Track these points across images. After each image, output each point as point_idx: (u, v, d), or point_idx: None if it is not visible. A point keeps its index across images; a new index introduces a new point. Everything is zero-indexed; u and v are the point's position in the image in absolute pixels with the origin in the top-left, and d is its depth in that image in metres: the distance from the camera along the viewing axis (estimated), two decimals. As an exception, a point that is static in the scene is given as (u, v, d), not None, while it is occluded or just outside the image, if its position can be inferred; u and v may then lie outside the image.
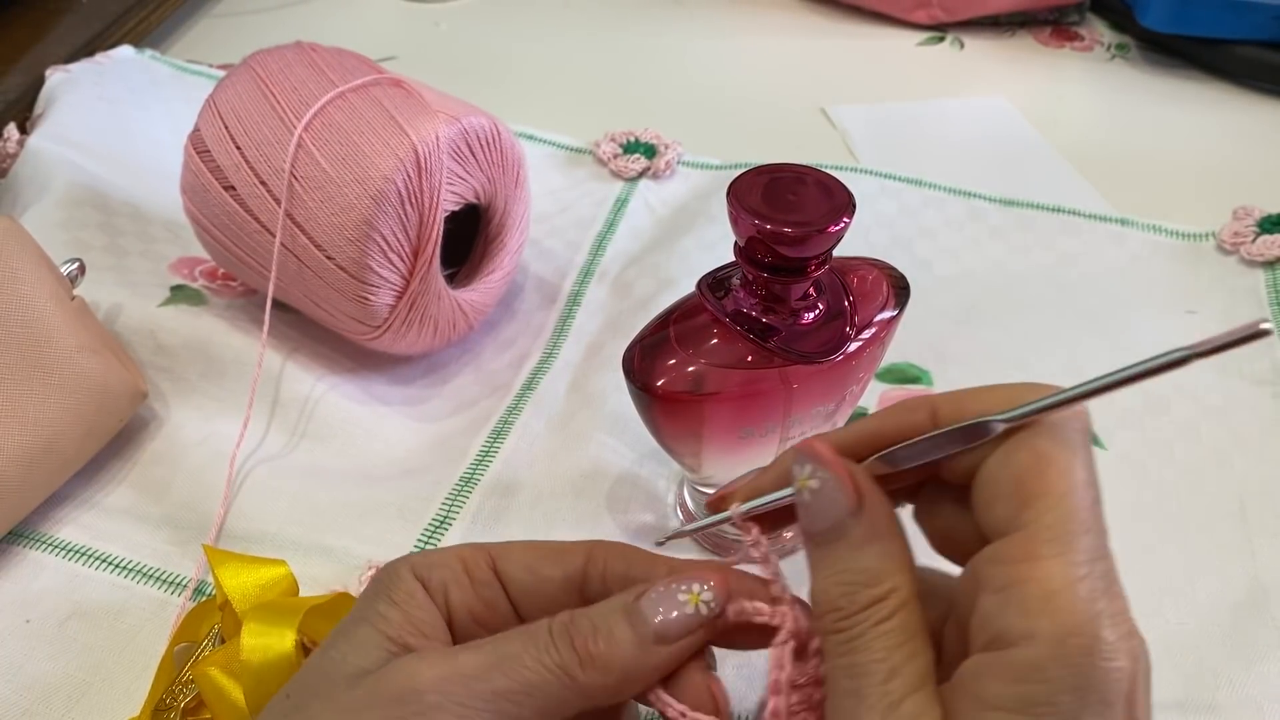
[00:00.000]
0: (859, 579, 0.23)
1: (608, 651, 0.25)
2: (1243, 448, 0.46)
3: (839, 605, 0.23)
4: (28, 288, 0.41)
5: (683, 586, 0.26)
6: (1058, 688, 0.20)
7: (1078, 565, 0.21)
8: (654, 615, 0.25)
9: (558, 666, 0.25)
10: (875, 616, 0.23)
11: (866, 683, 0.22)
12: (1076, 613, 0.20)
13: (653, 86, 0.74)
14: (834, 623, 0.23)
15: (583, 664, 0.25)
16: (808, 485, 0.24)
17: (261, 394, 0.48)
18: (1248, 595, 0.40)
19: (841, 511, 0.24)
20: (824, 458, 0.24)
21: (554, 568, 0.28)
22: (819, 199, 0.32)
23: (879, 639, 0.23)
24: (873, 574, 0.23)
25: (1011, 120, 0.70)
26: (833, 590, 0.24)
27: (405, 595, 0.26)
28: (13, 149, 0.61)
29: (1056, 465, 0.22)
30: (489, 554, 0.28)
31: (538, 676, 0.25)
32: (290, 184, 0.43)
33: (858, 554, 0.24)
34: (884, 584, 0.23)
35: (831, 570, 0.24)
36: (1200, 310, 0.53)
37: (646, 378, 0.35)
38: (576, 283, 0.55)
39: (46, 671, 0.37)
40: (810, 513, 0.24)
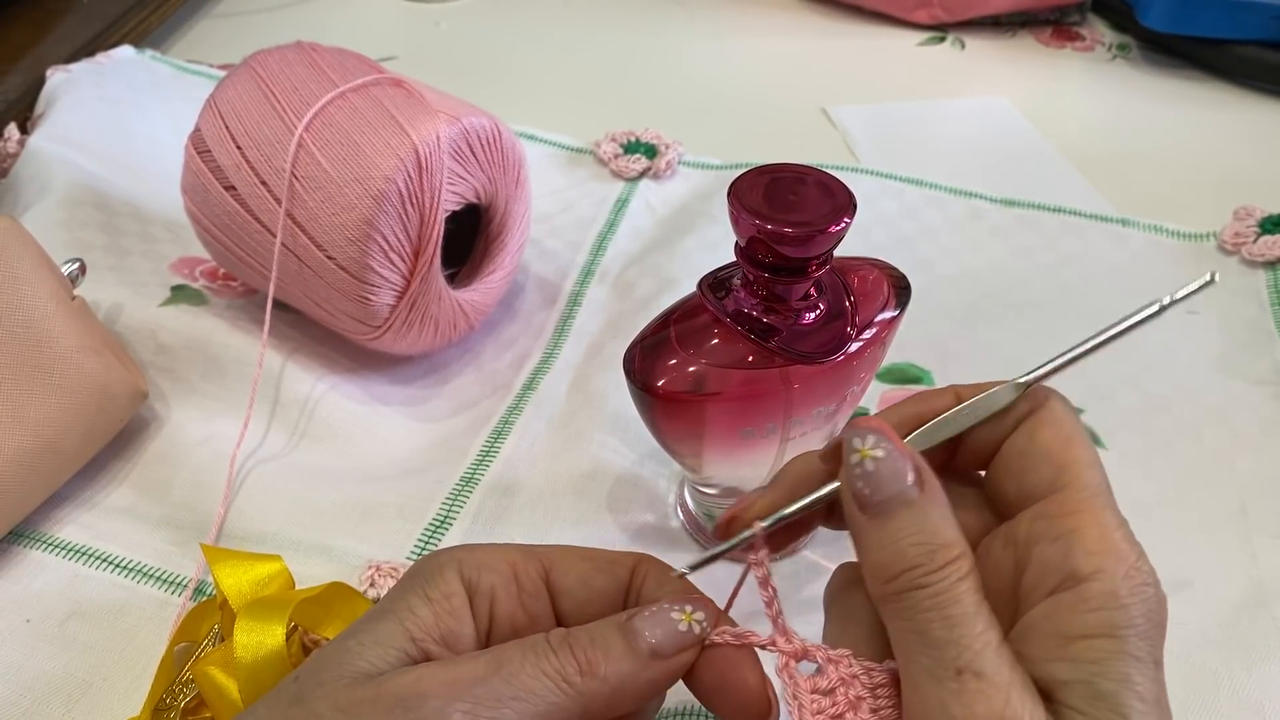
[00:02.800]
0: (934, 540, 0.24)
1: (605, 661, 0.25)
2: (1243, 448, 0.46)
3: (919, 563, 0.24)
4: (28, 288, 0.41)
5: (675, 607, 0.27)
6: (1134, 612, 0.23)
7: (1118, 514, 0.24)
8: (648, 632, 0.26)
9: (557, 674, 0.25)
10: (957, 573, 0.24)
11: (965, 630, 0.23)
12: (1131, 551, 0.23)
13: (653, 86, 0.74)
14: (917, 578, 0.24)
15: (581, 672, 0.25)
16: (871, 455, 0.25)
17: (262, 394, 0.48)
18: (1248, 596, 0.40)
19: (904, 480, 0.25)
20: (885, 430, 0.25)
21: (606, 579, 0.28)
22: (820, 199, 0.32)
23: (968, 594, 0.23)
24: (945, 537, 0.24)
25: (1012, 120, 0.70)
26: (910, 551, 0.24)
27: (442, 596, 0.26)
28: (13, 149, 0.61)
29: (1079, 440, 0.26)
30: (540, 563, 0.28)
31: (537, 683, 0.25)
32: (291, 184, 0.43)
33: (927, 518, 0.24)
34: (956, 547, 0.24)
35: (901, 534, 0.24)
36: (1201, 311, 0.53)
37: (647, 378, 0.35)
38: (577, 283, 0.55)
39: (46, 671, 0.37)
40: (873, 482, 0.25)
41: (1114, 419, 0.47)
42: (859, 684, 0.25)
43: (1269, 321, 0.51)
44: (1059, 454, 0.25)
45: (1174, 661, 0.37)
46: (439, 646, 0.26)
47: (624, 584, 0.28)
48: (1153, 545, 0.42)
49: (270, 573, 0.37)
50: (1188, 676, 0.37)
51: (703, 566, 0.28)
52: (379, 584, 0.39)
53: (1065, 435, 0.26)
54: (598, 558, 0.29)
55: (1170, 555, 0.42)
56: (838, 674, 0.26)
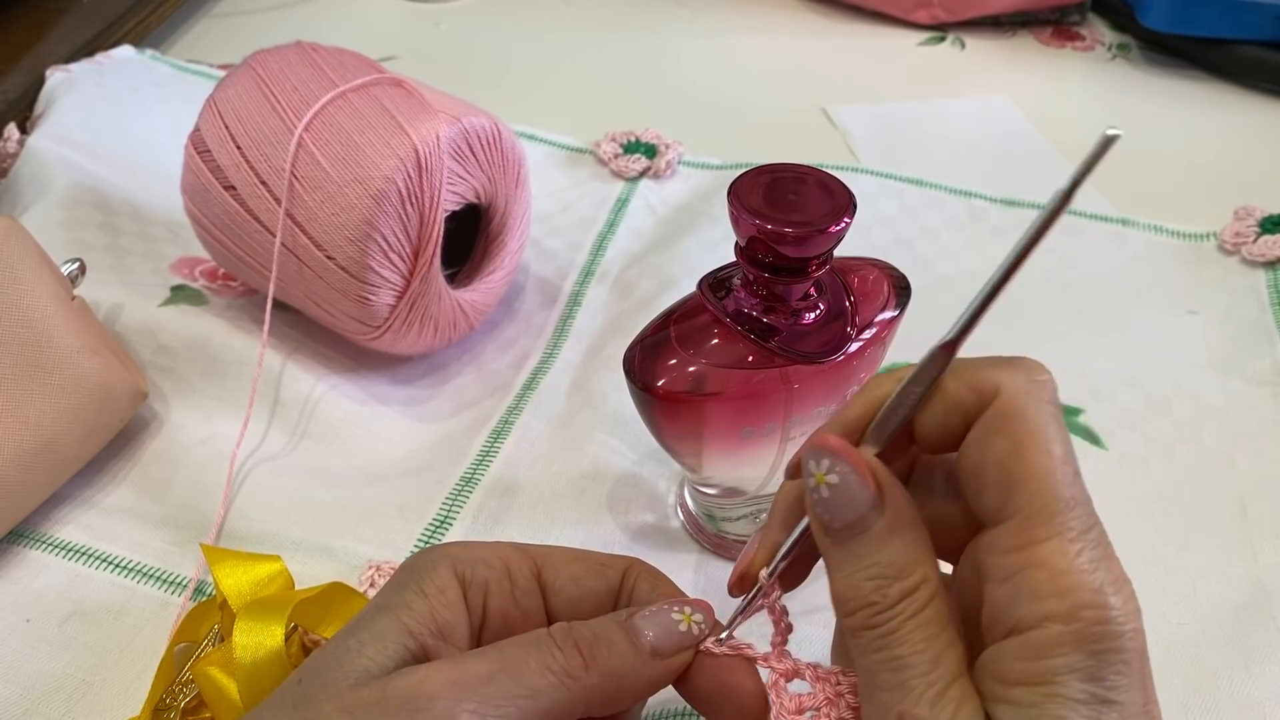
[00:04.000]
0: (889, 571, 0.23)
1: (607, 657, 0.26)
2: (1243, 448, 0.46)
3: (872, 600, 0.23)
4: (28, 288, 0.41)
5: (675, 607, 0.27)
6: (1074, 657, 0.21)
7: (1073, 542, 0.22)
8: (648, 631, 0.26)
9: (562, 669, 0.25)
10: (911, 608, 0.23)
11: (910, 674, 0.22)
12: (1083, 588, 0.21)
13: (653, 86, 0.74)
14: (869, 618, 0.23)
15: (585, 667, 0.25)
16: (826, 481, 0.24)
17: (262, 394, 0.48)
18: (1249, 596, 0.40)
19: (863, 505, 0.23)
20: (840, 450, 0.24)
21: (598, 581, 0.28)
22: (820, 199, 0.32)
23: (918, 630, 0.23)
24: (902, 565, 0.23)
25: (1012, 120, 0.70)
26: (864, 586, 0.23)
27: (436, 590, 0.26)
28: (13, 149, 0.61)
29: (1034, 445, 0.22)
30: (533, 560, 0.28)
31: (543, 680, 0.25)
32: (291, 184, 0.43)
33: (885, 546, 0.23)
34: (914, 575, 0.23)
35: (859, 565, 0.23)
36: (1201, 310, 0.53)
37: (647, 378, 0.35)
38: (577, 283, 0.55)
39: (46, 671, 0.37)
40: (830, 509, 0.24)
41: (1114, 419, 0.47)
42: (844, 703, 0.25)
43: (1269, 321, 0.51)
44: (1011, 470, 0.22)
45: (1174, 661, 0.38)
46: (435, 640, 0.26)
47: (615, 586, 0.29)
48: (1153, 545, 0.42)
49: (270, 573, 0.37)
50: (1188, 676, 0.37)
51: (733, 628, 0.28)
52: (379, 584, 0.39)
53: (1016, 441, 0.23)
54: (589, 559, 0.29)
55: (1170, 555, 0.43)
56: (823, 694, 0.26)
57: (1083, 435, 0.46)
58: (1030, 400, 0.23)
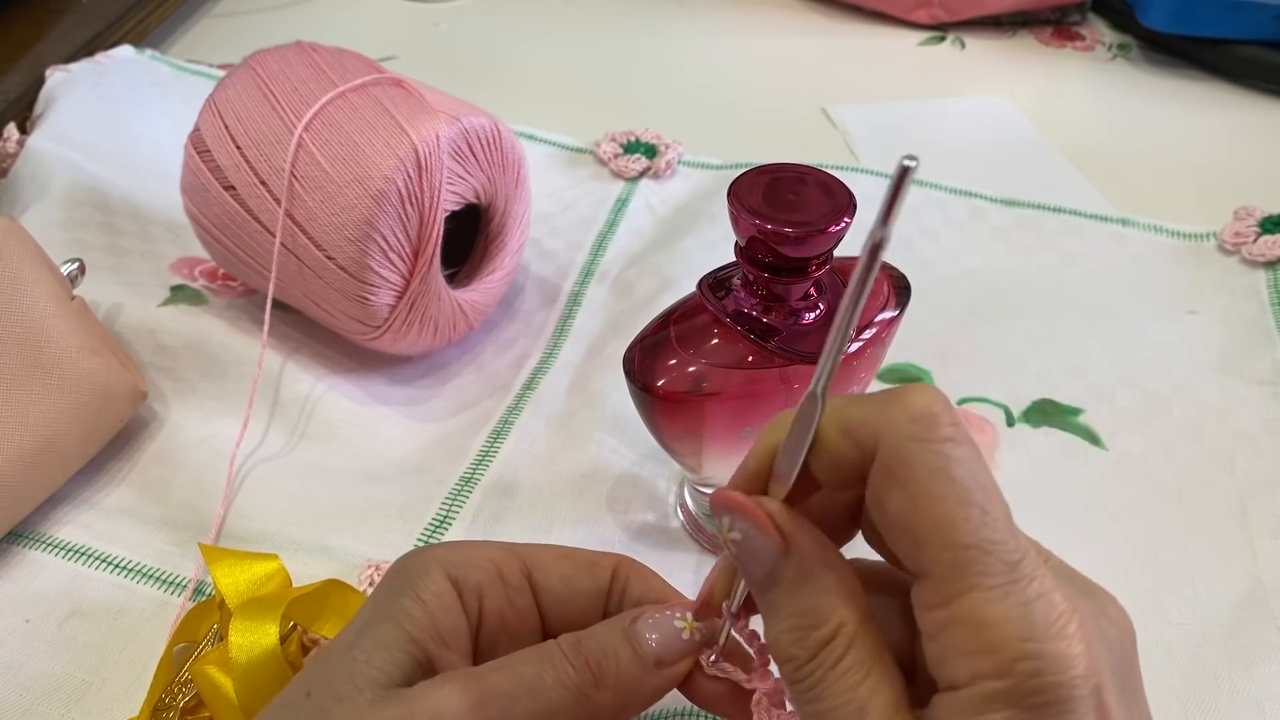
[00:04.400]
0: (803, 622, 0.23)
1: (616, 671, 0.26)
2: (1243, 448, 0.46)
3: (793, 655, 0.23)
4: (28, 288, 0.41)
5: (677, 614, 0.27)
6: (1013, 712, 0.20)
7: (992, 590, 0.20)
8: (650, 639, 0.26)
9: (575, 686, 0.25)
10: (830, 659, 0.22)
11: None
12: (1010, 640, 0.20)
13: (653, 86, 0.74)
14: (792, 673, 0.23)
15: (597, 684, 0.25)
16: (730, 538, 0.24)
17: (262, 394, 0.48)
18: (1248, 595, 0.40)
19: (770, 556, 0.23)
20: (738, 505, 0.24)
21: (587, 581, 0.28)
22: (820, 199, 0.32)
23: (837, 681, 0.22)
24: (815, 614, 0.23)
25: (1012, 120, 0.70)
26: (783, 639, 0.23)
27: (433, 596, 0.26)
28: (13, 149, 0.61)
29: (927, 496, 0.21)
30: (522, 560, 0.28)
31: (558, 698, 0.25)
32: (290, 184, 0.43)
33: (796, 597, 0.23)
34: (829, 622, 0.23)
35: (778, 618, 0.23)
36: (1201, 310, 0.53)
37: (647, 378, 0.35)
38: (577, 283, 0.55)
39: (46, 671, 0.37)
40: (743, 565, 0.24)
41: (1114, 419, 0.47)
42: None
43: (1269, 321, 0.51)
44: (909, 523, 0.21)
45: (1174, 661, 0.38)
46: (439, 647, 0.26)
47: (604, 585, 0.29)
48: (1153, 545, 0.42)
49: (267, 572, 0.37)
50: (1188, 676, 0.37)
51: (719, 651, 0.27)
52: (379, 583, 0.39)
53: (909, 494, 0.21)
54: (577, 558, 0.29)
55: (1170, 555, 0.42)
56: None
57: (1083, 435, 0.46)
58: (914, 445, 0.21)
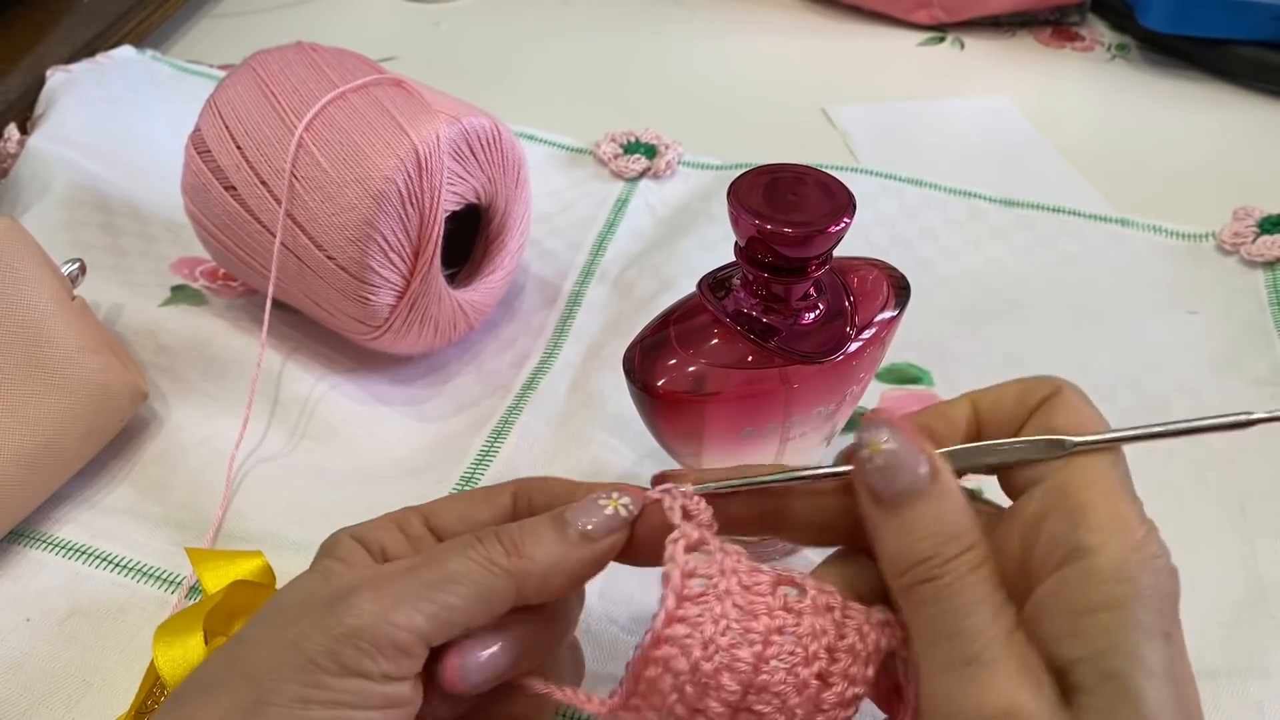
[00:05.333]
0: (946, 531, 0.24)
1: (535, 543, 0.26)
2: (1243, 448, 0.46)
3: (930, 555, 0.24)
4: (28, 288, 0.41)
5: (602, 496, 0.28)
6: (1141, 584, 0.23)
7: (1128, 492, 0.25)
8: (578, 520, 0.27)
9: (483, 557, 0.26)
10: (969, 564, 0.24)
11: (976, 620, 0.23)
12: (1138, 530, 0.24)
13: (653, 86, 0.74)
14: (928, 571, 0.24)
15: (508, 553, 0.26)
16: (883, 448, 0.25)
17: (262, 394, 0.48)
18: (1248, 595, 0.40)
19: (917, 472, 0.25)
20: (898, 423, 0.26)
21: (485, 511, 0.29)
22: (819, 199, 0.32)
23: (979, 585, 0.24)
24: (958, 528, 0.24)
25: (1012, 120, 0.70)
26: (921, 544, 0.24)
27: (347, 553, 0.28)
28: (13, 149, 0.61)
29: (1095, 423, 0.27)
30: (420, 513, 0.29)
31: (463, 566, 0.26)
32: (291, 184, 0.43)
33: (940, 509, 0.25)
34: (968, 537, 0.24)
35: (914, 526, 0.25)
36: (1201, 310, 0.53)
37: (647, 378, 0.35)
38: (577, 283, 0.55)
39: (47, 671, 0.37)
40: (885, 475, 0.25)
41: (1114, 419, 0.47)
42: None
43: (1269, 321, 0.51)
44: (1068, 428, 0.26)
45: (1173, 661, 0.37)
46: None
47: (506, 510, 0.29)
48: (1152, 545, 0.42)
49: (252, 569, 0.37)
50: (1187, 676, 0.37)
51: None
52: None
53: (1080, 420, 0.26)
54: (474, 494, 0.30)
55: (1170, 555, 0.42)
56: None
57: (1082, 435, 0.46)
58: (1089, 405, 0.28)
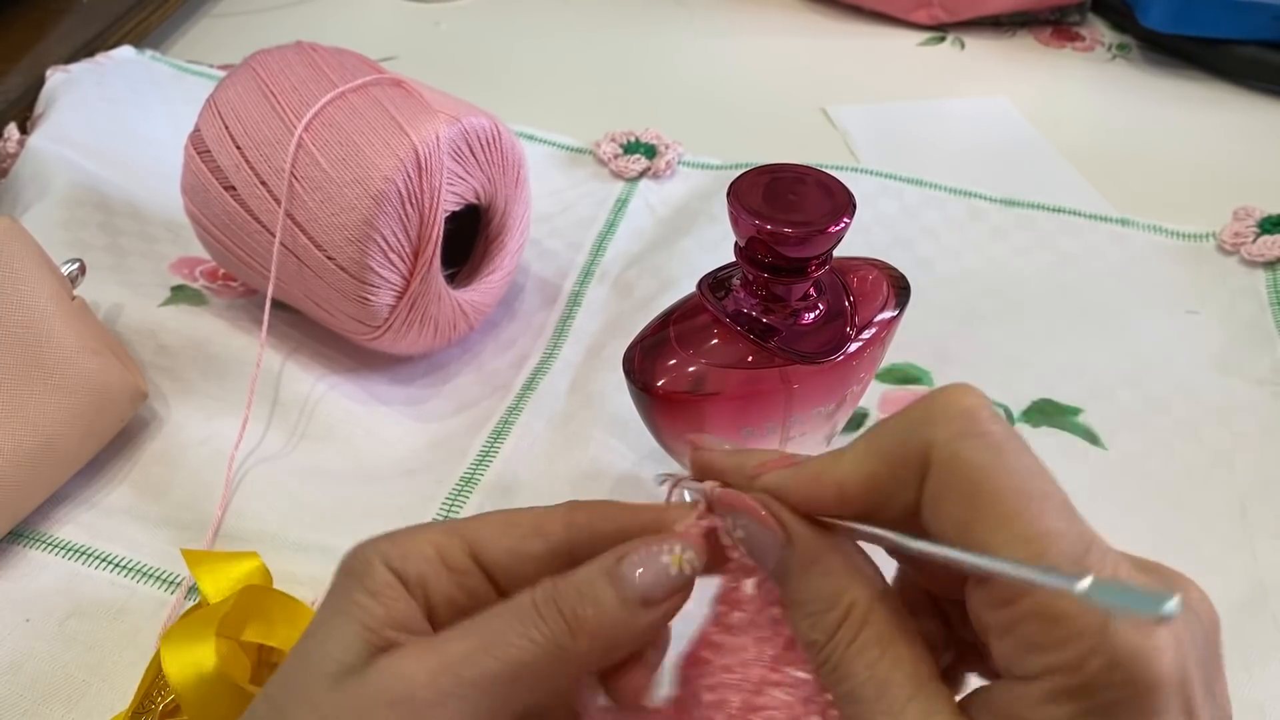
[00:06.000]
0: (815, 607, 0.23)
1: (596, 618, 0.24)
2: (1243, 448, 0.46)
3: (813, 639, 0.23)
4: (28, 288, 0.41)
5: (665, 547, 0.25)
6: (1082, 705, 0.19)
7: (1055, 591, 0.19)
8: (637, 577, 0.25)
9: (547, 640, 0.24)
10: (845, 638, 0.23)
11: (864, 707, 0.22)
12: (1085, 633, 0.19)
13: (653, 86, 0.74)
14: (816, 657, 0.23)
15: (573, 633, 0.24)
16: (737, 537, 0.25)
17: (262, 394, 0.48)
18: (1248, 595, 0.40)
19: (774, 548, 0.24)
20: (735, 503, 0.25)
21: (536, 544, 0.27)
22: (819, 199, 0.32)
23: (856, 659, 0.22)
24: (825, 596, 0.23)
25: (1012, 120, 0.70)
26: (803, 626, 0.24)
27: (382, 586, 0.25)
28: (13, 149, 0.61)
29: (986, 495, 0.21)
30: (464, 539, 0.27)
31: (528, 654, 0.24)
32: (290, 184, 0.43)
33: (804, 583, 0.24)
34: (840, 602, 0.23)
35: (795, 606, 0.24)
36: (1201, 310, 0.53)
37: (647, 378, 0.35)
38: (577, 283, 0.55)
39: (47, 671, 0.37)
40: (755, 558, 0.25)
41: (1114, 419, 0.47)
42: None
43: (1269, 321, 0.51)
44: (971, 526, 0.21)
45: (1174, 661, 0.37)
46: (397, 631, 0.25)
47: (560, 542, 0.27)
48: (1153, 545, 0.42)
49: (248, 570, 0.37)
50: (1187, 676, 0.37)
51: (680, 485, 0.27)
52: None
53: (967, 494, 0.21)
54: (522, 526, 0.27)
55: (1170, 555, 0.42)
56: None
57: (1083, 435, 0.46)
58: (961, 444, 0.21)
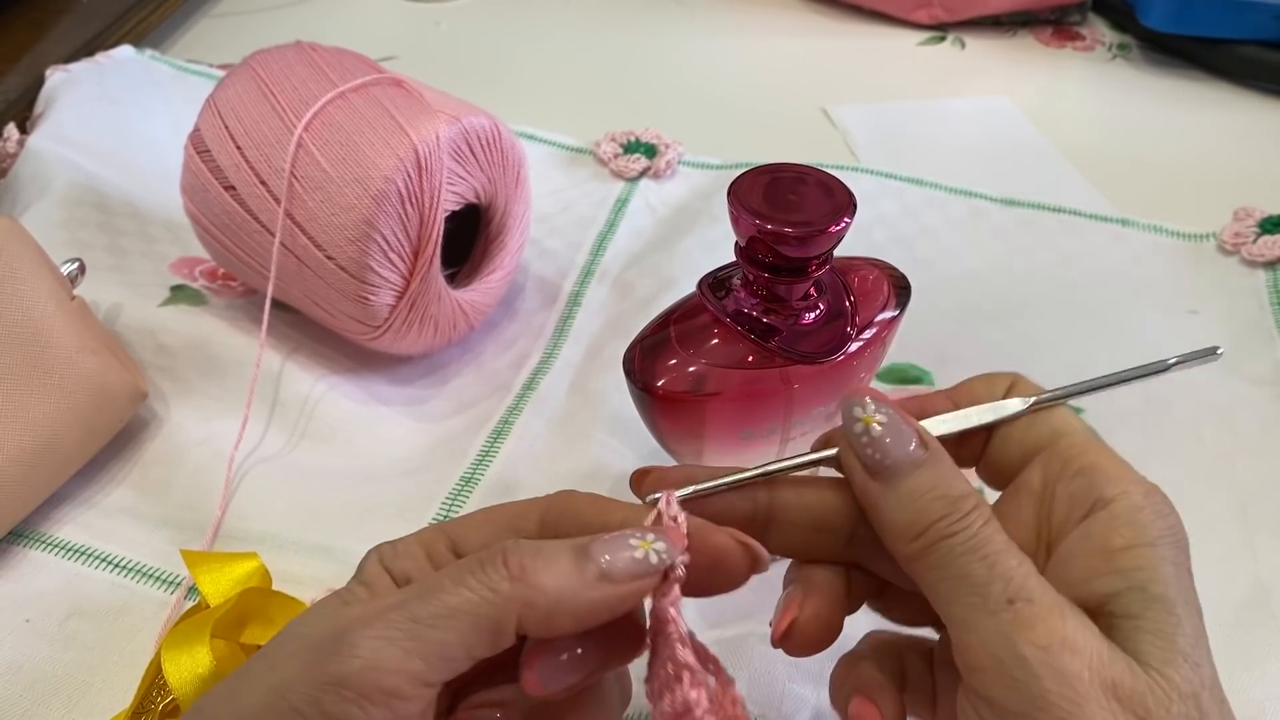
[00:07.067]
0: (954, 491, 0.25)
1: (544, 571, 0.24)
2: (1244, 447, 0.46)
3: (945, 513, 0.25)
4: (28, 288, 0.41)
5: (635, 535, 0.25)
6: (1161, 525, 0.25)
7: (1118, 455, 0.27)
8: (601, 556, 0.24)
9: (481, 584, 0.23)
10: (984, 515, 0.25)
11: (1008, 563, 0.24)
12: (1145, 481, 0.26)
13: (653, 86, 0.74)
14: (946, 528, 0.25)
15: (511, 578, 0.23)
16: (875, 420, 0.26)
17: (261, 394, 0.48)
18: (1249, 595, 0.40)
19: (911, 440, 0.26)
20: (882, 397, 0.26)
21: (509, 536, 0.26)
22: (820, 199, 0.32)
23: (998, 531, 0.25)
24: (963, 488, 0.25)
25: (1012, 120, 0.70)
26: (933, 505, 0.25)
27: (373, 577, 0.26)
28: (13, 149, 0.61)
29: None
30: (448, 536, 0.27)
31: (460, 599, 0.23)
32: (290, 184, 0.43)
33: (940, 473, 0.25)
34: (972, 496, 0.25)
35: (919, 492, 0.25)
36: (1201, 310, 0.53)
37: (647, 378, 0.35)
38: (577, 283, 0.55)
39: (46, 672, 0.37)
40: (880, 446, 0.26)
41: (1114, 419, 0.47)
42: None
43: (1269, 321, 0.51)
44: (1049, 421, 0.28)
45: (1174, 661, 0.37)
46: None
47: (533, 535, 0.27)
48: (1153, 545, 0.42)
49: (247, 571, 0.37)
50: (1188, 676, 0.37)
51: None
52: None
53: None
54: (501, 517, 0.27)
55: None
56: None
57: (1083, 435, 0.46)
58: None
